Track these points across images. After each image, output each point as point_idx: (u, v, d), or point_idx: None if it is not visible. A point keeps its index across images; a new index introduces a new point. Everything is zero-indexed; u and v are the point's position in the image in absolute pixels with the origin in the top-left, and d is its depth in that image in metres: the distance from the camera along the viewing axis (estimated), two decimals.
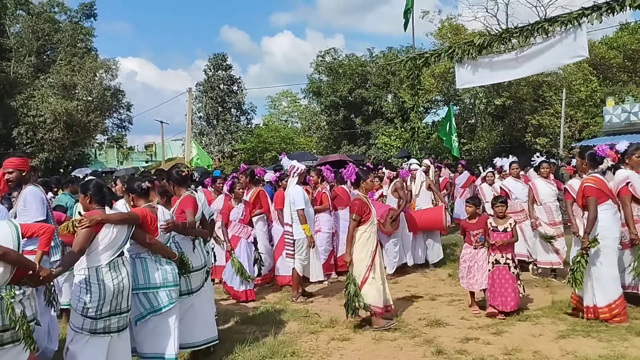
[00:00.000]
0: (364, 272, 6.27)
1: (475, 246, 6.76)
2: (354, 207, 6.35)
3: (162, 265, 4.80)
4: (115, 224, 4.36)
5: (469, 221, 6.90)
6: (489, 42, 13.68)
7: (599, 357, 4.95)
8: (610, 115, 24.75)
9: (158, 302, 4.73)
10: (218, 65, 42.77)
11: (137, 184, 4.99)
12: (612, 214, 6.14)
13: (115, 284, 4.30)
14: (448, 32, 31.39)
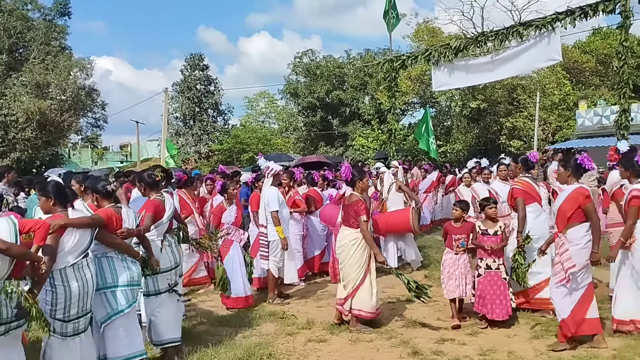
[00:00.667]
0: (361, 276, 6.24)
1: (456, 251, 6.37)
2: (363, 208, 6.24)
3: (128, 264, 4.82)
4: (77, 227, 4.34)
5: (454, 224, 6.53)
6: (465, 45, 13.80)
7: (572, 357, 5.03)
8: (583, 118, 25.21)
9: (124, 300, 4.72)
10: (195, 65, 42.47)
11: (102, 184, 4.94)
12: (535, 217, 6.53)
13: (80, 285, 4.30)
14: (424, 34, 31.66)
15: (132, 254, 4.91)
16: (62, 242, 4.23)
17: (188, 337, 5.91)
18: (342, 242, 6.35)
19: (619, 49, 11.31)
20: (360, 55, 40.11)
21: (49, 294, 4.21)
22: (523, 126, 28.04)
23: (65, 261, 4.25)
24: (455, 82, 14.64)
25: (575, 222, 5.44)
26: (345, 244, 6.30)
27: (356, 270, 6.24)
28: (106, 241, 4.66)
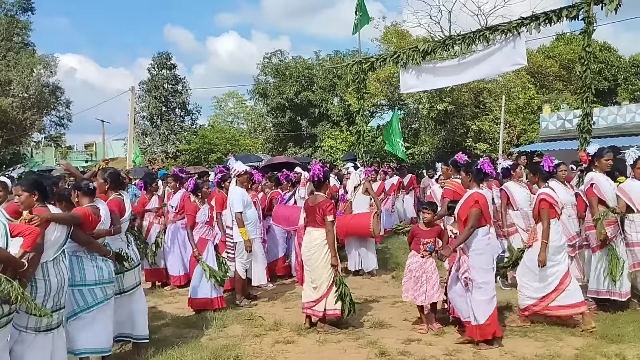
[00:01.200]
0: (334, 275, 6.29)
1: (423, 255, 6.19)
2: (331, 208, 6.26)
3: (97, 263, 4.90)
4: (60, 223, 4.43)
5: (422, 228, 6.36)
6: (432, 48, 13.94)
7: (535, 357, 5.11)
8: (547, 122, 25.71)
9: (92, 298, 4.82)
10: (162, 64, 41.85)
11: (85, 182, 5.06)
12: None
13: (58, 279, 4.40)
14: (393, 37, 31.88)
15: (103, 253, 4.98)
16: (46, 236, 4.30)
17: (153, 339, 5.83)
18: (312, 244, 6.31)
19: (582, 54, 11.57)
20: (330, 56, 40.18)
21: (29, 289, 4.21)
22: (489, 129, 28.44)
23: (47, 255, 4.32)
24: (423, 85, 14.77)
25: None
26: (316, 245, 6.28)
27: (329, 271, 6.26)
28: (79, 239, 4.74)
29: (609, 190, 6.61)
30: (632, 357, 4.98)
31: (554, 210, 6.10)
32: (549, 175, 6.61)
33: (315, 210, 6.29)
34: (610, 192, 6.60)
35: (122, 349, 5.69)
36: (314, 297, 6.30)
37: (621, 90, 33.94)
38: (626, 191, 6.47)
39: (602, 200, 6.57)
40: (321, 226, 6.27)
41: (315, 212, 6.29)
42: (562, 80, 33.36)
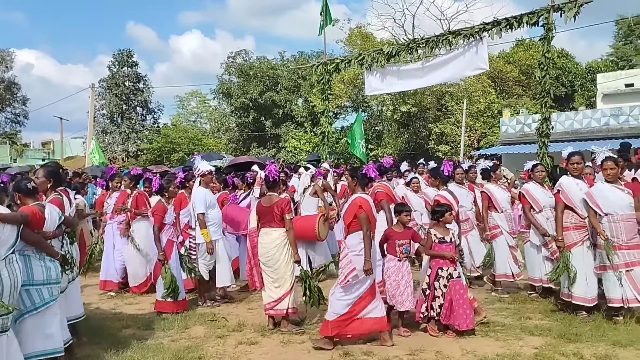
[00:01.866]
0: (296, 273, 6.43)
1: (399, 257, 6.02)
2: (289, 207, 6.36)
3: (45, 263, 4.81)
4: (8, 222, 4.31)
5: (396, 229, 6.18)
6: (397, 51, 14.08)
7: (496, 356, 5.19)
8: (507, 126, 26.27)
9: (40, 299, 4.71)
10: (123, 61, 41.15)
11: (24, 183, 4.93)
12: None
13: (12, 279, 4.29)
14: (357, 39, 32.10)
15: (52, 253, 4.89)
16: None
17: (113, 341, 5.71)
18: (273, 244, 6.30)
19: (541, 60, 11.84)
20: (294, 57, 40.23)
21: None
22: (450, 132, 28.91)
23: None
24: (387, 87, 14.93)
25: (353, 230, 5.70)
26: (277, 245, 6.28)
27: (292, 268, 6.32)
28: (28, 239, 4.61)
29: (577, 195, 6.49)
30: (590, 356, 5.11)
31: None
32: (447, 179, 7.26)
33: (272, 210, 6.29)
34: (578, 197, 6.47)
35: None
36: (275, 296, 6.28)
37: (578, 96, 34.94)
38: (594, 196, 6.27)
39: (568, 205, 6.53)
40: (280, 225, 6.29)
41: (272, 212, 6.29)
42: (521, 85, 34.15)
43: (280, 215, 6.27)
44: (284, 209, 6.29)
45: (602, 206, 6.18)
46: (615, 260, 6.04)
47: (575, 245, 6.46)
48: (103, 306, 7.72)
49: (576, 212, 6.48)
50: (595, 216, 6.26)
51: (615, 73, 31.00)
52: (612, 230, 6.12)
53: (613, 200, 6.15)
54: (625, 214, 6.11)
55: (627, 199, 6.16)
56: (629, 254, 6.07)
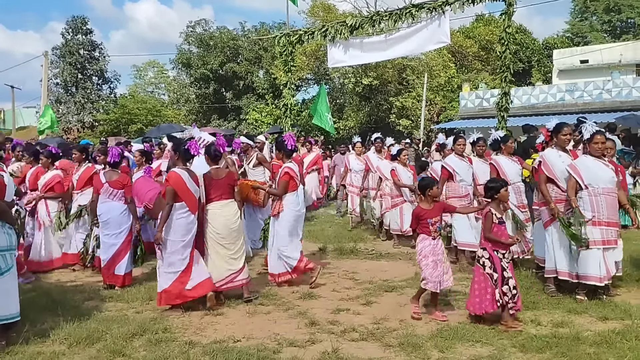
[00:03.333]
0: None
1: (434, 236, 5.67)
2: (236, 178, 6.69)
3: (6, 229, 4.85)
4: None
5: (425, 207, 5.75)
6: (360, 23, 14.01)
7: (458, 324, 5.34)
8: (466, 100, 26.67)
9: (5, 264, 4.79)
10: (77, 29, 39.61)
11: None
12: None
13: None
14: (320, 10, 31.80)
15: (11, 220, 4.94)
16: None
17: (76, 313, 5.64)
18: (235, 217, 6.36)
19: (502, 35, 11.98)
20: (256, 28, 39.56)
21: None
22: (411, 106, 29.11)
23: None
24: (350, 60, 14.88)
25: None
26: (237, 217, 6.40)
27: (243, 239, 6.56)
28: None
29: (560, 168, 6.23)
30: (547, 322, 5.32)
31: (294, 183, 6.94)
32: (291, 153, 7.14)
33: (225, 183, 6.38)
34: (560, 170, 6.22)
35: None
36: (235, 268, 6.27)
37: (535, 71, 35.60)
38: (577, 168, 6.01)
39: (550, 178, 6.30)
40: (232, 197, 6.44)
41: (226, 185, 6.38)
42: (480, 60, 34.54)
43: (233, 186, 6.47)
44: (235, 180, 6.62)
45: (585, 177, 5.94)
46: (592, 236, 5.81)
47: (555, 220, 6.18)
48: (63, 279, 7.59)
49: (558, 185, 6.26)
50: (573, 187, 6.02)
51: (570, 49, 31.72)
52: (592, 204, 5.89)
53: (596, 173, 5.94)
54: (607, 187, 5.92)
55: (610, 173, 5.99)
56: (607, 231, 5.86)
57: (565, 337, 4.84)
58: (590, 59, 28.72)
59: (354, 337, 5.06)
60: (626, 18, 42.66)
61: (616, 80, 22.82)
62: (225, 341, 4.95)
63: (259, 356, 4.54)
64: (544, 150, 6.95)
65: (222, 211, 6.30)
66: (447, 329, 5.17)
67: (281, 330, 5.24)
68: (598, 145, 6.06)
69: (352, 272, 7.66)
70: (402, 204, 9.64)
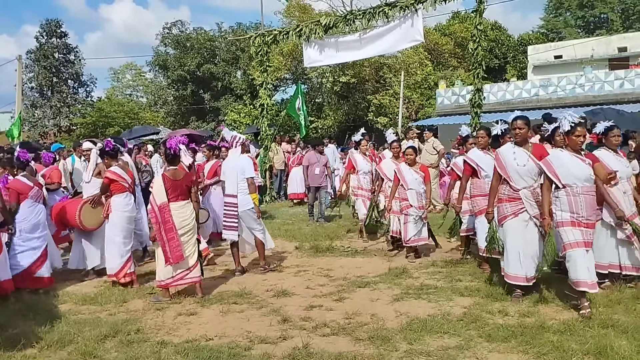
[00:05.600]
0: None
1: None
2: (194, 179, 7.15)
3: None
4: None
5: None
6: (334, 22, 14.15)
7: (428, 316, 5.43)
8: (442, 97, 26.88)
9: None
10: (51, 32, 39.18)
11: None
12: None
13: None
14: (295, 10, 31.83)
15: None
16: None
17: (48, 316, 5.63)
18: (192, 216, 6.56)
19: (474, 32, 12.18)
20: (232, 28, 39.50)
21: None
22: (389, 104, 29.28)
23: None
24: (326, 59, 15.03)
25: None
26: (193, 217, 6.57)
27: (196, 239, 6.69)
28: None
29: (511, 165, 5.83)
30: (514, 312, 5.43)
31: (119, 185, 7.08)
32: (115, 154, 7.39)
33: (183, 184, 6.53)
34: (512, 167, 5.82)
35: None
36: (190, 264, 6.48)
37: (510, 67, 36.03)
38: (551, 164, 5.51)
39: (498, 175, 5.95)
40: (189, 198, 6.61)
41: (183, 186, 6.53)
42: (456, 57, 34.86)
43: (190, 187, 6.62)
44: (194, 182, 6.81)
45: (561, 176, 5.44)
46: (573, 237, 5.36)
47: (506, 218, 5.87)
48: None
49: (509, 183, 5.85)
50: (549, 188, 5.56)
51: (545, 45, 32.16)
52: (571, 204, 5.38)
53: (573, 171, 5.42)
54: (585, 186, 5.40)
55: (587, 170, 5.44)
56: (586, 232, 5.39)
57: (531, 326, 4.96)
58: (564, 55, 29.16)
59: (325, 333, 5.12)
60: (599, 13, 43.38)
61: (589, 75, 23.19)
62: (197, 340, 4.98)
63: (230, 353, 4.58)
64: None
65: (179, 212, 6.46)
66: (417, 321, 5.25)
67: (253, 328, 5.28)
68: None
69: (327, 269, 7.72)
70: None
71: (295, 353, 4.58)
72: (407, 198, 8.17)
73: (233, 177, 7.52)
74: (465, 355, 4.45)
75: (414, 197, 8.14)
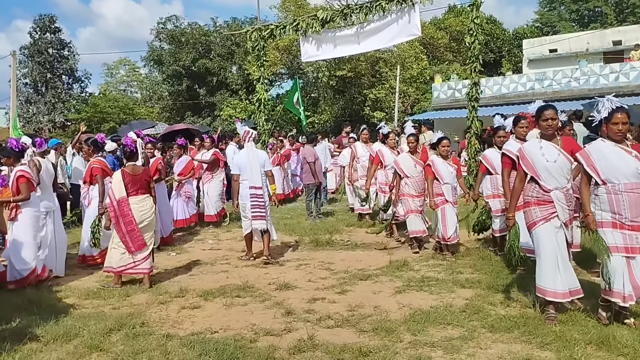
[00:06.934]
0: None
1: None
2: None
3: None
4: None
5: None
6: (331, 16, 14.14)
7: (430, 308, 5.48)
8: (438, 91, 26.90)
9: None
10: (45, 27, 38.92)
11: None
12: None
13: None
14: (291, 5, 31.78)
15: None
16: None
17: (52, 311, 5.63)
18: (151, 211, 6.91)
19: (470, 26, 12.19)
20: (227, 23, 39.39)
21: None
22: (385, 98, 29.32)
23: None
24: (323, 54, 15.00)
25: None
26: (152, 211, 6.96)
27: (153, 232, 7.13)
28: None
29: (540, 161, 5.06)
30: (515, 303, 5.47)
31: (32, 184, 6.84)
32: (19, 154, 7.02)
33: (142, 178, 6.90)
34: (541, 164, 5.04)
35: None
36: (141, 256, 6.78)
37: (505, 61, 36.09)
38: (590, 156, 4.80)
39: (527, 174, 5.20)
40: (148, 192, 6.96)
41: (142, 180, 6.89)
42: (452, 51, 34.90)
43: (150, 181, 7.00)
44: (152, 176, 7.24)
45: (601, 170, 4.72)
46: (613, 240, 4.68)
47: (536, 224, 5.02)
48: None
49: (538, 183, 5.03)
50: (587, 184, 4.84)
51: (539, 39, 32.20)
52: (612, 203, 4.68)
53: (616, 164, 4.68)
54: (630, 182, 4.64)
55: (634, 164, 4.65)
56: (630, 236, 4.65)
57: (533, 317, 5.01)
58: (559, 48, 29.22)
59: (329, 325, 5.16)
60: (593, 7, 43.48)
61: (584, 69, 23.26)
62: (202, 333, 5.01)
63: (236, 346, 4.61)
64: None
65: (139, 206, 6.77)
66: (420, 313, 5.30)
67: (258, 321, 5.31)
68: (618, 127, 4.71)
69: (328, 263, 7.77)
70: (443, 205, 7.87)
71: (300, 345, 4.61)
72: (443, 193, 7.77)
73: (257, 170, 7.93)
74: (469, 346, 4.50)
75: (449, 192, 7.79)
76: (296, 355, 4.48)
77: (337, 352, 4.43)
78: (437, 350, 4.46)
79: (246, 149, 8.17)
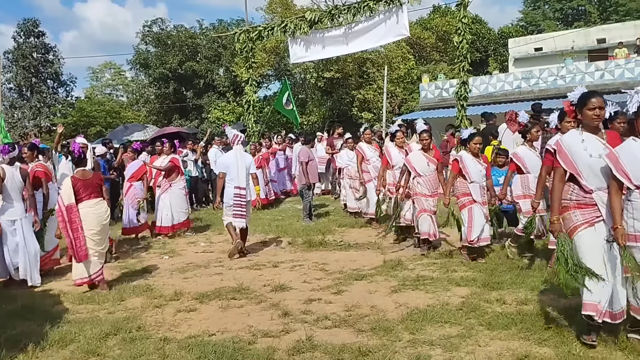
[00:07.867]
0: None
1: None
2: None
3: None
4: None
5: None
6: (319, 17, 14.17)
7: (427, 307, 5.50)
8: (426, 91, 26.99)
9: None
10: (29, 31, 38.56)
11: None
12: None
13: None
14: (278, 6, 31.73)
15: None
16: None
17: (47, 317, 5.59)
18: (106, 214, 6.95)
19: (458, 26, 12.28)
20: (213, 25, 39.27)
21: None
22: (373, 98, 29.34)
23: None
24: (312, 55, 15.06)
25: None
26: (108, 214, 6.98)
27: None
28: None
29: (583, 157, 4.30)
30: (511, 301, 5.52)
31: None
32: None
33: (94, 181, 6.92)
34: (584, 161, 4.29)
35: None
36: (98, 266, 6.83)
37: (491, 60, 36.30)
38: (619, 158, 4.09)
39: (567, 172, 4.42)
40: (102, 196, 6.98)
41: (94, 184, 6.91)
42: (438, 51, 35.03)
43: (100, 186, 6.99)
44: (103, 180, 7.23)
45: (632, 174, 4.04)
46: None
47: (577, 229, 4.29)
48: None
49: (579, 183, 4.32)
50: (619, 191, 4.09)
51: (525, 38, 32.43)
52: None
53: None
54: None
55: None
56: None
57: (530, 313, 5.04)
58: (544, 47, 29.44)
59: (327, 325, 5.16)
60: (577, 5, 43.89)
61: (569, 67, 23.44)
62: (200, 336, 4.99)
63: (234, 348, 4.60)
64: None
65: (94, 209, 6.80)
66: (417, 312, 5.31)
67: (255, 323, 5.30)
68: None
69: (322, 264, 7.76)
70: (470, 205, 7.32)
71: (299, 345, 4.61)
72: (470, 192, 7.23)
73: (243, 172, 8.41)
74: (468, 344, 4.52)
75: (477, 191, 7.22)
76: (295, 356, 4.48)
77: (337, 352, 4.44)
78: (436, 348, 4.47)
79: (234, 150, 8.62)
